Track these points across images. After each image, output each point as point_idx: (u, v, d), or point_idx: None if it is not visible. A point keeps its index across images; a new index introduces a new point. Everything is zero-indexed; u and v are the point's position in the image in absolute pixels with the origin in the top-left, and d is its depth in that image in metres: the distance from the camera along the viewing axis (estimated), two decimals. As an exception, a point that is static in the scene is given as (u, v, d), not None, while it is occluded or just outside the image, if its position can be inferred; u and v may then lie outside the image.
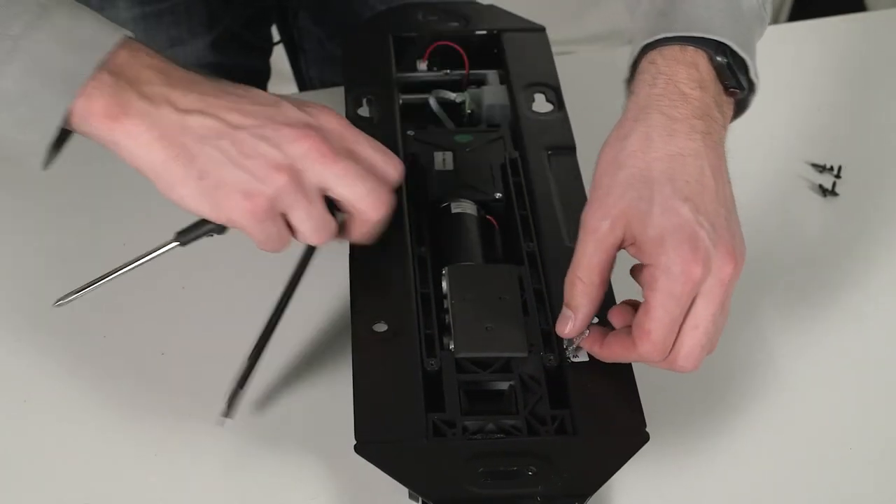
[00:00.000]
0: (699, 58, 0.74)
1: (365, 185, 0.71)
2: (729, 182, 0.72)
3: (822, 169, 1.01)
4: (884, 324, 0.88)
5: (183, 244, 0.73)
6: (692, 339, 0.69)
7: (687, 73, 0.73)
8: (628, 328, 0.71)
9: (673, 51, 0.74)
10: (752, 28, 0.78)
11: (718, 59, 0.74)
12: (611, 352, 0.72)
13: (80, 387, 0.82)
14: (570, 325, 0.72)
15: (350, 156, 0.71)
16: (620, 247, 0.71)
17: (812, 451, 0.79)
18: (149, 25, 1.06)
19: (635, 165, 0.70)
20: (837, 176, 1.00)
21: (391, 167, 0.73)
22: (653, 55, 0.75)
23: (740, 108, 0.77)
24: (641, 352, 0.70)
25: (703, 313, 0.69)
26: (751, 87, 0.77)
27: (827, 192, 0.98)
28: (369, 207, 0.72)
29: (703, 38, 0.74)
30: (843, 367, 0.85)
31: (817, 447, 0.79)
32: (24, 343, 0.86)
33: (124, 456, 0.78)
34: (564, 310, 0.73)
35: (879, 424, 0.81)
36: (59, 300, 0.75)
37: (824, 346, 0.86)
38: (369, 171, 0.71)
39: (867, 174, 1.01)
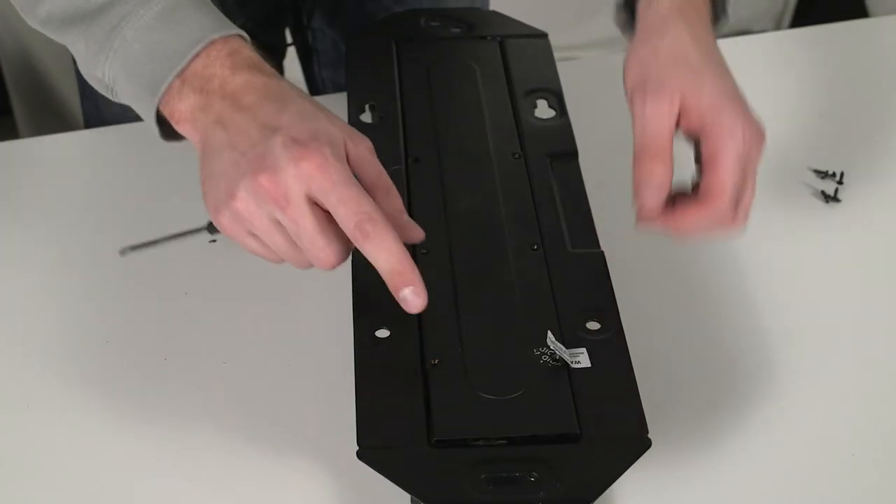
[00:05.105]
0: None
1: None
2: None
3: (824, 175, 1.01)
4: (886, 329, 0.88)
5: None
6: (748, 196, 0.75)
7: None
8: (689, 197, 0.75)
9: None
10: None
11: None
12: (684, 219, 0.75)
13: (83, 392, 0.82)
14: (650, 192, 0.75)
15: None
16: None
17: (814, 457, 0.79)
18: None
19: (676, 53, 0.77)
20: (840, 182, 1.00)
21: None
22: None
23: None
24: (719, 207, 0.73)
25: (752, 172, 0.75)
26: None
27: (829, 199, 0.98)
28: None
29: None
30: (845, 372, 0.85)
31: (820, 453, 0.79)
32: (26, 348, 0.86)
33: (126, 460, 0.78)
34: (641, 182, 0.75)
35: (882, 430, 0.81)
36: (126, 249, 0.76)
37: (827, 352, 0.86)
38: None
39: (869, 180, 1.01)
